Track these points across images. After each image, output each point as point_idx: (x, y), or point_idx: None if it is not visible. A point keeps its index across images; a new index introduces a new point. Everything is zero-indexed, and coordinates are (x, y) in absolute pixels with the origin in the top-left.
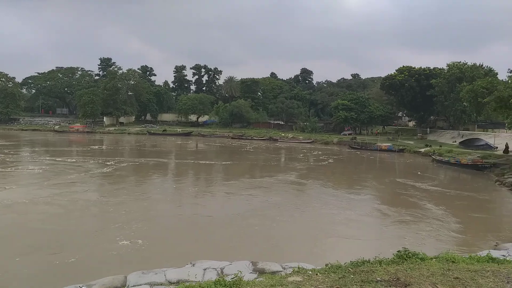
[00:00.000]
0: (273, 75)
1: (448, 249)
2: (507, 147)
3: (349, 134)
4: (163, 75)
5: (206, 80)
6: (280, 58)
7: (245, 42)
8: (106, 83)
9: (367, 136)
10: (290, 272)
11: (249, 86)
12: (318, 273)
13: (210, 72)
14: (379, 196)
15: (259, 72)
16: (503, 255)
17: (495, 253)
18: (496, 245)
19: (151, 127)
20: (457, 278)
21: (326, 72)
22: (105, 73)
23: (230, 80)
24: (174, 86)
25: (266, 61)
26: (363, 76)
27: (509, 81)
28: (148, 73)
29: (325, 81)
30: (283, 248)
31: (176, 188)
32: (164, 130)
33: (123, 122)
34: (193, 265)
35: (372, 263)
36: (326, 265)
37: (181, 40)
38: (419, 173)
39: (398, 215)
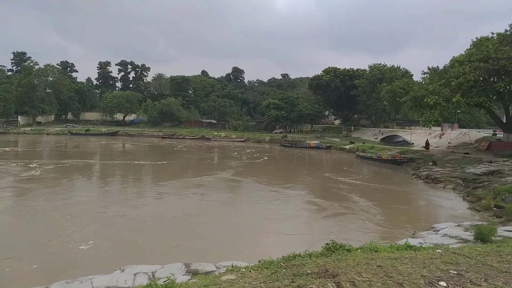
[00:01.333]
0: (204, 73)
1: (372, 240)
2: (427, 143)
3: (280, 133)
4: (86, 72)
5: (133, 77)
6: (211, 56)
7: (174, 39)
8: (20, 80)
9: (297, 134)
10: (224, 271)
11: (179, 83)
12: (252, 270)
13: (137, 69)
14: (312, 191)
15: (189, 69)
16: (420, 243)
17: (412, 241)
18: (413, 234)
19: (73, 126)
20: (379, 266)
21: (257, 71)
22: (19, 68)
23: (159, 77)
24: (98, 83)
25: (197, 58)
26: (292, 76)
27: (423, 82)
28: (69, 69)
29: (257, 80)
30: (220, 247)
31: (113, 189)
32: (87, 130)
33: (41, 122)
34: (123, 270)
35: (302, 257)
36: (259, 261)
37: (104, 35)
38: (345, 168)
39: (329, 208)
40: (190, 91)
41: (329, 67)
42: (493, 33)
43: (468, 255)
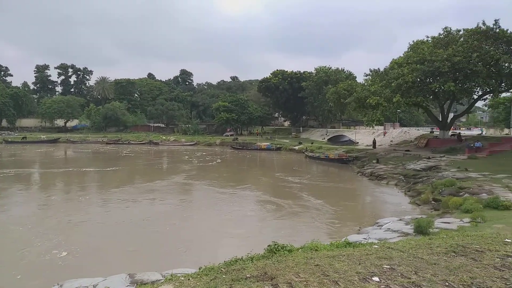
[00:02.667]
0: (150, 76)
1: (314, 238)
2: (374, 142)
3: (231, 135)
4: (22, 76)
5: (74, 81)
6: (158, 58)
7: (118, 40)
8: None
9: (248, 137)
10: (163, 281)
11: (124, 87)
12: (191, 278)
13: (79, 72)
14: (264, 191)
15: (135, 72)
16: (364, 238)
17: (357, 237)
18: (359, 230)
19: (8, 134)
20: (317, 265)
21: (206, 74)
22: None
23: (103, 80)
24: (35, 87)
25: (143, 61)
26: (242, 78)
27: (365, 84)
28: (2, 73)
29: (206, 83)
30: (171, 253)
31: (65, 198)
32: (23, 138)
33: None
34: (61, 286)
35: (244, 260)
36: (200, 268)
37: (43, 37)
38: (295, 168)
39: (281, 208)
40: (136, 95)
41: (277, 70)
42: (428, 37)
43: (402, 249)
